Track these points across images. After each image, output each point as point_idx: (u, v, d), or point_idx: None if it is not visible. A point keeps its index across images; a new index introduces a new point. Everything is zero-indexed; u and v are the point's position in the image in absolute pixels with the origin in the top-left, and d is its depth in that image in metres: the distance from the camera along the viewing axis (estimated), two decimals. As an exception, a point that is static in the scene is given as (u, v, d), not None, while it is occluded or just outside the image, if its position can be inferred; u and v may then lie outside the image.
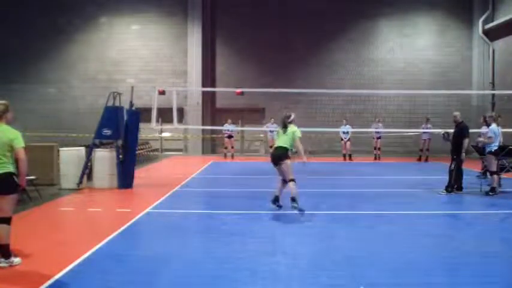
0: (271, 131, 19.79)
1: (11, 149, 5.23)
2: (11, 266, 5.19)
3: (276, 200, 8.39)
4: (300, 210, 7.88)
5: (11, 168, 5.26)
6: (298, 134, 8.21)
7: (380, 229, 7.24)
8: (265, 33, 21.70)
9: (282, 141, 8.23)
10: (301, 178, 13.77)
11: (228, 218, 7.96)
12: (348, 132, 18.81)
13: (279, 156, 8.14)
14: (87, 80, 22.25)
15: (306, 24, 21.73)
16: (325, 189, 11.27)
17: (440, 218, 8.43)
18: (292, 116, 8.40)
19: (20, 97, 20.94)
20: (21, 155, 5.25)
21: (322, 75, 21.89)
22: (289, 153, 8.18)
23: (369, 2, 21.92)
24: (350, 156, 18.98)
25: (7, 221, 5.25)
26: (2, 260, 5.20)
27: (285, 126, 8.30)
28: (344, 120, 19.26)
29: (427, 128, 18.17)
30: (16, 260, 5.27)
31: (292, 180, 8.01)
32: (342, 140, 19.14)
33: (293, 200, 7.82)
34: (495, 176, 10.14)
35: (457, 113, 10.56)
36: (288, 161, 8.06)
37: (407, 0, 22.04)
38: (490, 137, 10.13)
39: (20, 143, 5.26)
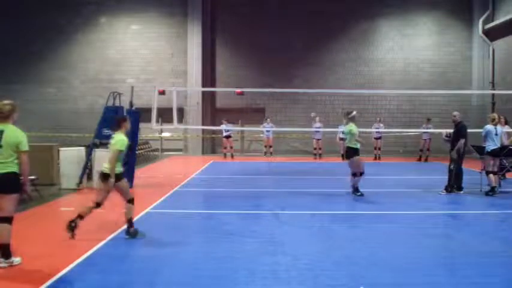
0: (267, 131, 19.84)
1: (17, 149, 5.26)
2: (11, 266, 5.20)
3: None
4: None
5: (14, 168, 5.28)
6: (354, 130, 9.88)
7: (380, 229, 7.24)
8: (265, 33, 21.69)
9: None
10: (301, 178, 13.84)
11: (228, 218, 7.96)
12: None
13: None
14: (87, 80, 22.24)
15: (306, 24, 21.72)
16: (325, 189, 11.26)
17: (440, 218, 8.43)
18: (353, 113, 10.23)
19: (20, 97, 20.82)
20: (26, 158, 5.29)
21: (322, 75, 21.88)
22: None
23: (369, 2, 21.92)
24: None
25: (8, 220, 5.25)
26: (2, 260, 5.20)
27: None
28: (344, 120, 19.19)
29: (427, 128, 18.16)
30: (16, 259, 5.28)
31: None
32: (340, 139, 19.05)
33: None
34: (491, 176, 10.11)
35: (456, 113, 10.55)
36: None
37: (408, 0, 22.03)
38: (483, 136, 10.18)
39: (25, 147, 5.29)
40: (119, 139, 6.39)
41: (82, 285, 4.74)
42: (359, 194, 9.96)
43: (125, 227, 6.65)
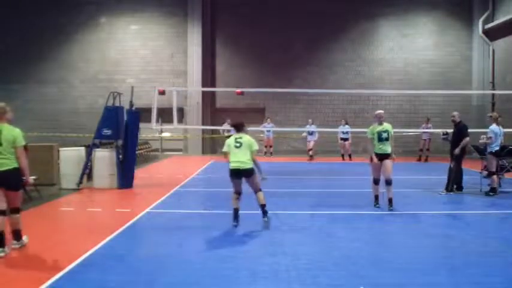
0: (268, 131, 19.80)
1: (13, 145, 5.70)
2: (21, 246, 5.86)
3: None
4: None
5: (16, 164, 5.72)
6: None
7: (380, 229, 7.24)
8: (265, 33, 21.70)
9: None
10: (301, 178, 13.84)
11: (228, 218, 7.95)
12: (347, 133, 18.67)
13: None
14: (87, 80, 22.24)
15: (306, 24, 21.73)
16: (325, 189, 11.26)
17: (440, 218, 8.43)
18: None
19: (20, 97, 20.94)
20: (21, 151, 5.76)
21: (322, 75, 21.89)
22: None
23: (369, 2, 21.93)
24: (350, 156, 18.90)
25: (18, 210, 5.90)
26: (15, 242, 5.84)
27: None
28: (343, 120, 19.10)
29: (427, 128, 18.15)
30: (24, 238, 5.98)
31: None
32: (342, 139, 18.95)
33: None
34: (494, 177, 10.13)
35: (455, 113, 10.55)
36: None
37: (408, 0, 22.04)
38: (490, 137, 10.13)
39: (21, 142, 5.76)
40: (253, 140, 7.43)
41: (82, 285, 4.74)
42: (376, 205, 8.83)
43: (127, 225, 6.62)
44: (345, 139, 18.89)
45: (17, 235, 5.88)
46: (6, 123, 5.77)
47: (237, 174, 7.28)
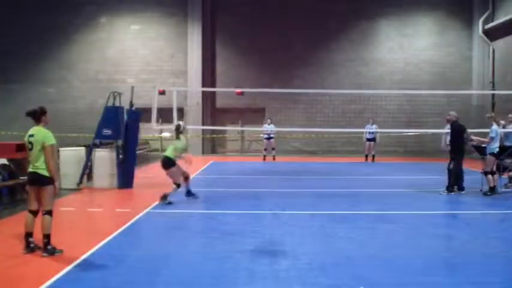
0: (268, 135, 19.48)
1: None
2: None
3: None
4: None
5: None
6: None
7: (380, 229, 7.24)
8: (265, 33, 21.69)
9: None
10: (301, 178, 13.85)
11: (228, 218, 7.97)
12: (373, 133, 18.10)
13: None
14: (87, 80, 22.23)
15: (306, 24, 21.72)
16: (325, 189, 11.26)
17: (440, 218, 8.44)
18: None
19: (20, 97, 20.90)
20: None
21: (322, 75, 21.88)
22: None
23: (369, 2, 21.92)
24: (373, 157, 18.31)
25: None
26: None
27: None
28: (370, 120, 18.57)
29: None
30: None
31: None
32: (368, 140, 18.35)
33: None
34: (490, 176, 10.11)
35: (451, 112, 10.57)
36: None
37: (408, 0, 22.03)
38: (491, 138, 10.12)
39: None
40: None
41: (82, 285, 4.74)
42: None
43: (127, 225, 6.60)
44: (371, 139, 18.31)
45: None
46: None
47: None
